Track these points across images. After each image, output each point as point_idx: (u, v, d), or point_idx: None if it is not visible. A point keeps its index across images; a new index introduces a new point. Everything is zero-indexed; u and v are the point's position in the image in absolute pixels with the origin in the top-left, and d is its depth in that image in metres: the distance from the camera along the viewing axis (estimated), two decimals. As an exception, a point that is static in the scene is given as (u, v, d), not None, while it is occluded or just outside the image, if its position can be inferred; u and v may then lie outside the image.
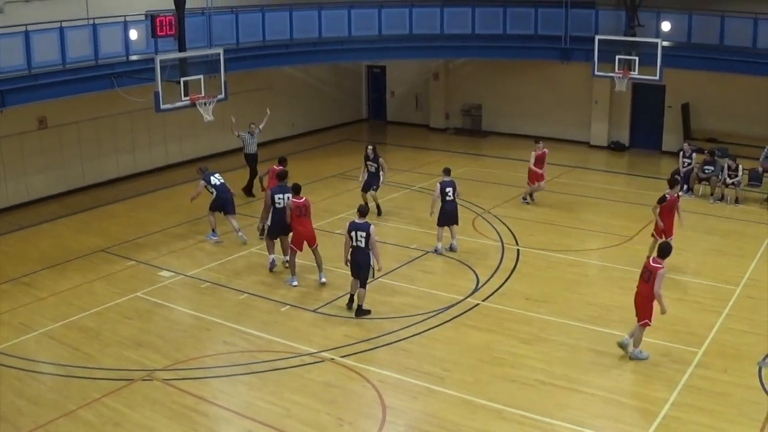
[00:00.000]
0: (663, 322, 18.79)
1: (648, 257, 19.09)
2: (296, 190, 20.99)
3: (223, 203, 24.35)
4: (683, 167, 30.31)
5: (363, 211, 19.21)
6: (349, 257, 19.15)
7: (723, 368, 16.87)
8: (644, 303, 16.98)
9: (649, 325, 17.05)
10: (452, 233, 23.38)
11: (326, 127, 41.38)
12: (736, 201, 29.28)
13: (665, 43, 30.85)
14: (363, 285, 19.18)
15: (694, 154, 30.56)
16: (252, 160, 29.62)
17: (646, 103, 37.55)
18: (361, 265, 18.97)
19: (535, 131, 37.70)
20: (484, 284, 21.18)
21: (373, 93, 44.97)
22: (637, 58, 30.60)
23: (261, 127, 29.49)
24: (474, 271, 22.01)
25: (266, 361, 16.93)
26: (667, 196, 21.76)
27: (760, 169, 30.65)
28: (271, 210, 21.43)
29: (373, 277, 19.63)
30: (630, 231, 25.27)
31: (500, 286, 20.90)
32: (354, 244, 18.93)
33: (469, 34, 34.83)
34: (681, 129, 36.67)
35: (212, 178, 24.43)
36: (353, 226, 18.95)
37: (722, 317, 19.34)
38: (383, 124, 44.22)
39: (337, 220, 25.84)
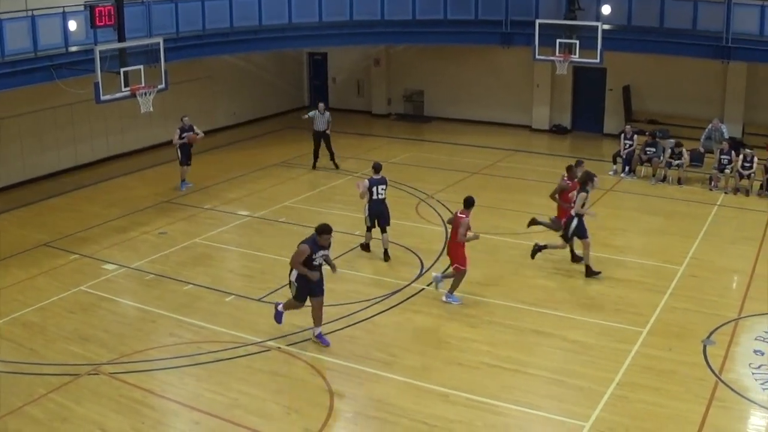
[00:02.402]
0: (608, 302, 19.04)
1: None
2: (468, 203, 19.38)
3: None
4: (625, 149, 30.61)
5: (378, 168, 21.99)
6: (368, 211, 21.77)
7: (668, 347, 17.04)
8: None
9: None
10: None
11: (268, 115, 41.15)
12: (679, 182, 29.60)
13: (605, 27, 31.05)
14: (385, 231, 21.95)
15: (635, 136, 30.87)
16: (320, 137, 31.35)
17: (587, 86, 37.81)
18: (383, 214, 21.80)
19: (477, 116, 38.04)
20: (428, 269, 21.21)
21: (315, 80, 44.76)
22: (577, 42, 30.78)
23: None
24: (418, 257, 22.05)
25: (212, 352, 16.82)
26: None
27: (702, 150, 31.01)
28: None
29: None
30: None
31: (444, 271, 20.94)
32: (375, 197, 21.60)
33: (410, 19, 34.76)
34: (622, 111, 36.98)
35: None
36: (374, 182, 21.59)
37: (666, 296, 19.53)
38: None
39: (281, 209, 25.82)
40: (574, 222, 20.41)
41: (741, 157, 29.36)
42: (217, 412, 14.68)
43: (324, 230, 16.22)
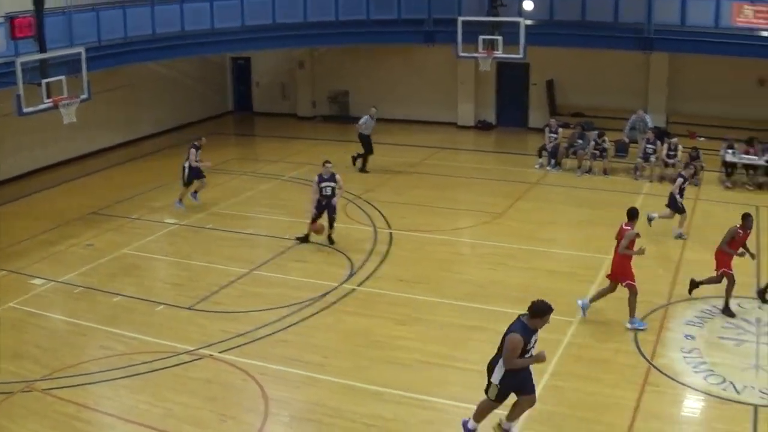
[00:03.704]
0: (537, 293, 19.08)
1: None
2: (631, 215, 18.73)
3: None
4: (549, 142, 30.89)
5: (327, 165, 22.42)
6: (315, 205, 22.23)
7: (599, 335, 17.25)
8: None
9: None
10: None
11: (192, 121, 40.67)
12: (605, 172, 29.95)
13: (528, 22, 31.26)
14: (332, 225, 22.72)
15: (560, 129, 31.17)
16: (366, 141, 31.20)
17: (511, 82, 38.11)
18: (332, 208, 22.47)
19: (403, 114, 38.14)
20: (358, 269, 21.22)
21: (239, 84, 44.55)
22: (500, 38, 30.97)
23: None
24: (348, 257, 22.04)
25: (145, 363, 16.61)
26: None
27: (626, 140, 31.42)
28: None
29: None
30: (499, 208, 25.65)
31: (374, 270, 20.97)
32: (324, 193, 22.18)
33: (333, 21, 34.70)
34: (546, 105, 37.32)
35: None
36: (322, 179, 22.01)
37: (595, 286, 19.73)
38: (250, 115, 43.79)
39: (208, 216, 25.66)
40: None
41: (665, 146, 29.81)
42: (151, 423, 14.52)
43: (542, 311, 12.93)
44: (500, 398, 13.27)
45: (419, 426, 14.14)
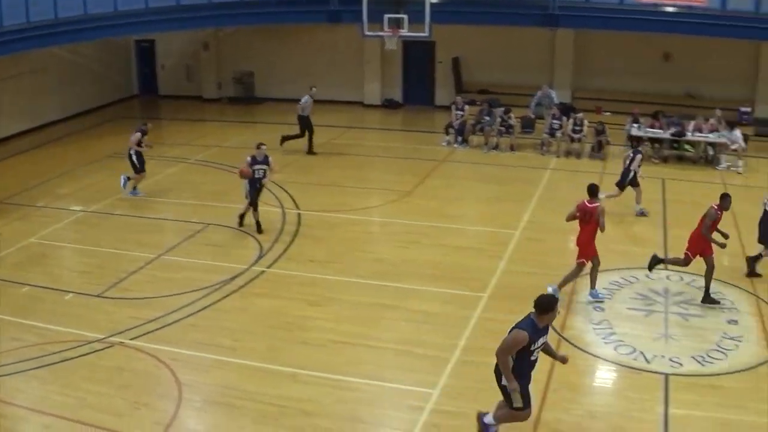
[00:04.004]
0: (447, 270, 19.32)
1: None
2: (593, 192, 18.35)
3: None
4: (456, 120, 31.04)
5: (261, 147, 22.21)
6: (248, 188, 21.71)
7: (509, 309, 17.30)
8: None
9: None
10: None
11: (97, 106, 39.94)
12: (511, 148, 30.22)
13: (433, 0, 31.23)
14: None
15: (466, 107, 31.33)
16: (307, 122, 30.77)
17: (417, 60, 38.23)
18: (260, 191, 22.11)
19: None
20: (267, 251, 21.10)
21: (143, 67, 43.93)
22: (405, 17, 30.90)
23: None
24: (256, 239, 21.92)
25: (56, 353, 16.32)
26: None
27: (532, 116, 31.72)
28: None
29: None
30: (408, 186, 25.76)
31: (284, 252, 20.88)
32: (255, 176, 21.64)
33: (238, 1, 34.55)
34: (452, 83, 37.50)
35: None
36: (255, 161, 21.69)
37: (504, 261, 20.00)
38: (155, 98, 43.19)
39: (116, 201, 25.32)
40: None
41: (571, 121, 30.18)
42: (66, 413, 14.32)
43: (550, 304, 12.02)
44: (526, 406, 12.30)
45: (333, 406, 14.13)
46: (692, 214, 21.36)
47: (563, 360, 12.91)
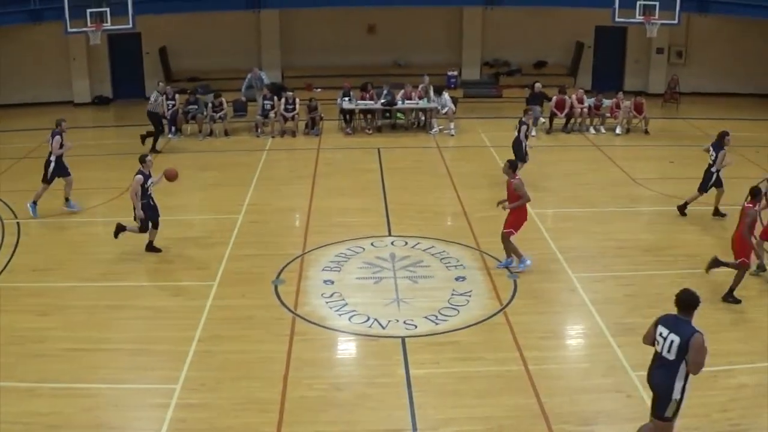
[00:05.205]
0: (174, 262, 19.26)
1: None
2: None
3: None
4: (168, 110, 30.80)
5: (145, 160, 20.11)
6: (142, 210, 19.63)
7: (241, 294, 17.59)
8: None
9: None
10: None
11: None
12: (226, 133, 30.37)
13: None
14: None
15: (176, 96, 31.16)
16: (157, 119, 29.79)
17: (124, 53, 37.69)
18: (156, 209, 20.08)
19: (16, 98, 36.72)
20: (5, 266, 19.97)
21: None
22: (107, 10, 30.31)
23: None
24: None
25: None
26: None
27: (244, 99, 31.93)
28: None
29: None
30: (127, 182, 24.86)
31: (6, 264, 20.08)
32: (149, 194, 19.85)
33: None
34: (162, 73, 37.19)
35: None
36: (147, 177, 19.84)
37: (230, 246, 20.13)
38: None
39: None
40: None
41: (283, 100, 30.56)
42: None
43: (697, 300, 11.30)
44: (677, 414, 11.41)
45: (78, 415, 13.79)
46: (409, 179, 22.16)
47: None
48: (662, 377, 11.18)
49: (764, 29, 37.34)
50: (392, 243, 20.31)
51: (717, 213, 22.15)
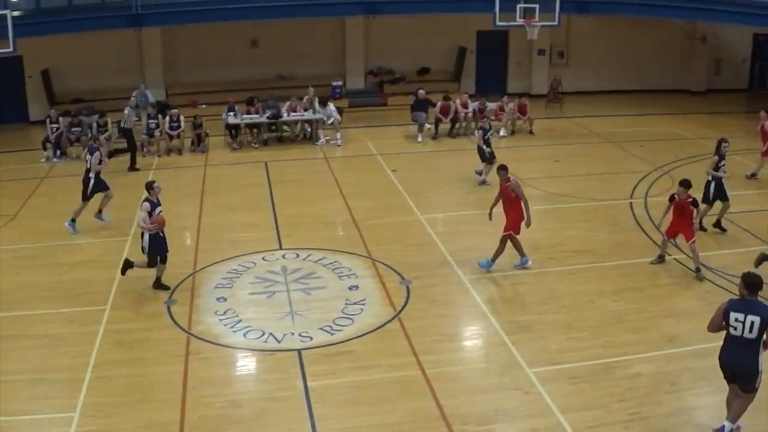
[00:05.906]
0: (66, 289, 18.96)
1: None
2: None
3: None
4: (52, 133, 30.46)
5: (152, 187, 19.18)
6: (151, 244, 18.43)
7: (133, 317, 17.47)
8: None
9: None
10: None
11: None
12: (110, 155, 29.94)
13: (15, 13, 30.51)
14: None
15: (60, 119, 30.83)
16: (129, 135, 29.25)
17: (6, 77, 36.82)
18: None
19: None
20: None
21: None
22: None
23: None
24: None
25: None
26: None
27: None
28: None
29: None
30: (12, 209, 24.60)
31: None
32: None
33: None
34: (45, 96, 36.70)
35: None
36: (155, 205, 18.77)
37: (118, 269, 19.38)
38: None
39: None
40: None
41: (167, 118, 30.41)
42: None
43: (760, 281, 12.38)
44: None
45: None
46: (297, 192, 22.15)
47: None
48: (747, 357, 12.09)
49: (642, 27, 38.44)
50: (283, 256, 20.42)
51: (718, 225, 22.12)
